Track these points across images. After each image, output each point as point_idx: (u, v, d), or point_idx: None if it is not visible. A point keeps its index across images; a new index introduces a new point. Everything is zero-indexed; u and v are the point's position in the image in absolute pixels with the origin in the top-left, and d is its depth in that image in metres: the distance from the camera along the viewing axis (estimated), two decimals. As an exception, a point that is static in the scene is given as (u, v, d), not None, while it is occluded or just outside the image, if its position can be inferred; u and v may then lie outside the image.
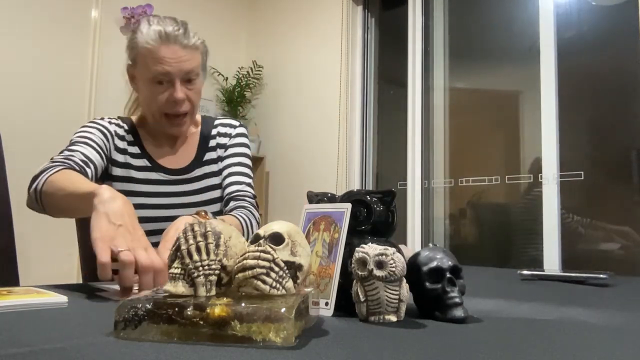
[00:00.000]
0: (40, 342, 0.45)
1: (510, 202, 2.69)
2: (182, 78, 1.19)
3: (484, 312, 0.66)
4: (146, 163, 1.27)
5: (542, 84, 2.40)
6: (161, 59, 1.17)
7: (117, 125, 1.27)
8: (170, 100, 1.19)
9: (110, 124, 1.26)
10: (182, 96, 1.19)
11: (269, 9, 3.60)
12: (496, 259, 2.60)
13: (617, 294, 0.91)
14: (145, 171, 1.26)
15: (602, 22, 2.40)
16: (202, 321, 0.46)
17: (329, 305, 0.61)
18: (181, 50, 1.19)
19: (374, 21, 3.26)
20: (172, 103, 1.20)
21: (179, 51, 1.19)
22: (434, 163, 2.87)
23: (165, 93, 1.19)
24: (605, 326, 0.59)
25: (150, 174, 1.26)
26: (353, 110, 3.13)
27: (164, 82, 1.18)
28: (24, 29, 2.65)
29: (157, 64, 1.17)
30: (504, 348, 0.47)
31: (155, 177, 1.26)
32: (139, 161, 1.26)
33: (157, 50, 1.17)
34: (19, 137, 2.50)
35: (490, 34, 2.84)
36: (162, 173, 1.27)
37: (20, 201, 1.09)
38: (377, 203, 0.67)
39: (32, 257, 2.07)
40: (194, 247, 0.51)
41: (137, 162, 1.26)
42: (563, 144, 2.35)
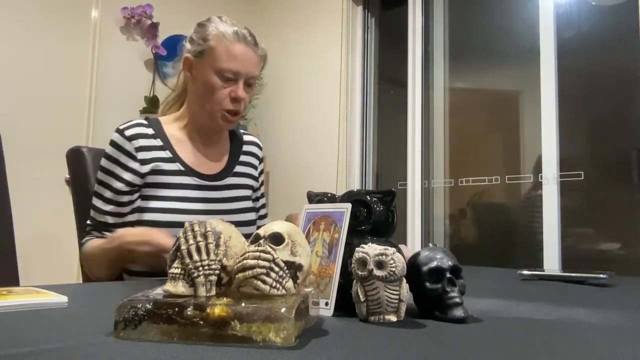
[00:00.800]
0: (40, 342, 0.45)
1: (510, 202, 2.69)
2: (245, 80, 1.22)
3: (484, 312, 0.66)
4: (179, 167, 1.24)
5: (542, 84, 2.40)
6: (235, 56, 1.20)
7: (141, 136, 1.22)
8: (232, 96, 1.21)
9: (131, 140, 1.21)
10: (244, 95, 1.22)
11: (269, 9, 3.59)
12: (496, 259, 2.59)
13: (617, 294, 0.91)
14: (179, 175, 1.23)
15: (602, 22, 2.40)
16: (202, 321, 0.46)
17: (329, 305, 0.61)
18: (253, 53, 1.23)
19: (374, 21, 3.26)
20: (233, 99, 1.22)
21: (251, 54, 1.23)
22: (434, 163, 2.87)
23: (227, 89, 1.21)
24: (605, 326, 0.59)
25: (184, 178, 1.24)
26: (353, 110, 3.13)
27: (229, 79, 1.20)
28: (23, 29, 2.65)
29: (230, 60, 1.19)
30: (504, 348, 0.47)
31: (189, 181, 1.24)
32: (171, 165, 1.23)
33: (233, 46, 1.20)
34: (19, 137, 2.50)
35: (490, 34, 2.84)
36: (196, 177, 1.25)
37: (20, 201, 1.10)
38: (377, 203, 0.67)
39: (32, 257, 2.07)
40: (194, 247, 0.51)
41: (169, 167, 1.23)
42: (563, 144, 2.35)
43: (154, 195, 1.20)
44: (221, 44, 1.20)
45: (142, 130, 1.24)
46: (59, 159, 1.49)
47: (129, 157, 1.20)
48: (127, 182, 1.19)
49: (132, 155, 1.20)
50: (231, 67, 1.19)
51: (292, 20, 3.43)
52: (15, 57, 2.61)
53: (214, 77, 1.20)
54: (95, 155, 1.35)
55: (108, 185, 1.19)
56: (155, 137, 1.25)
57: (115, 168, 1.20)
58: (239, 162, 1.37)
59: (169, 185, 1.22)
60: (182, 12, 3.30)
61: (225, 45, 1.20)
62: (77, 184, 1.35)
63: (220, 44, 1.20)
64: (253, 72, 1.23)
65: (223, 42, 1.20)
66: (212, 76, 1.20)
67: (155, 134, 1.25)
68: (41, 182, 2.60)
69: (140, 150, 1.21)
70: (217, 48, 1.20)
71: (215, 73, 1.20)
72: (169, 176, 1.22)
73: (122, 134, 1.22)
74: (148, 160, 1.21)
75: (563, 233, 2.29)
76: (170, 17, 3.19)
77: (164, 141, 1.25)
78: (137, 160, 1.20)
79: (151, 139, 1.24)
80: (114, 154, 1.21)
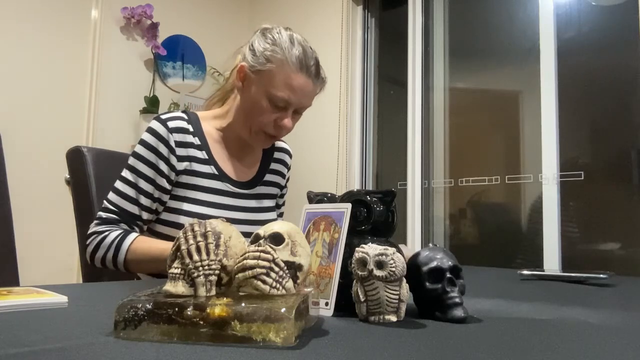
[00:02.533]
0: (40, 342, 0.45)
1: (510, 202, 2.69)
2: (295, 109, 1.18)
3: (484, 312, 0.66)
4: (213, 170, 1.21)
5: (542, 84, 2.40)
6: (293, 87, 1.13)
7: (181, 131, 1.18)
8: (277, 124, 1.17)
9: (172, 132, 1.16)
10: (290, 125, 1.18)
11: (269, 9, 3.60)
12: (496, 259, 2.59)
13: (617, 294, 0.91)
14: (212, 179, 1.20)
15: (602, 22, 2.40)
16: (202, 321, 0.46)
17: (329, 305, 0.61)
18: (312, 85, 1.17)
19: (374, 21, 3.26)
20: (278, 127, 1.17)
21: (310, 86, 1.16)
22: (434, 163, 2.87)
23: (274, 114, 1.16)
24: (605, 326, 0.59)
25: (216, 183, 1.20)
26: (353, 110, 3.13)
27: (279, 107, 1.15)
28: (23, 29, 2.65)
29: (286, 89, 1.13)
30: (504, 348, 0.47)
31: (221, 187, 1.21)
32: (205, 167, 1.20)
33: (293, 76, 1.13)
34: (19, 137, 2.50)
35: (490, 34, 2.84)
36: (228, 184, 1.23)
37: (20, 201, 1.09)
38: (377, 203, 0.67)
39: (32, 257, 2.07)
40: (194, 247, 0.51)
41: (203, 169, 1.19)
42: (563, 144, 2.35)
43: (185, 197, 1.17)
44: (282, 70, 1.12)
45: (183, 125, 1.19)
46: (59, 159, 1.49)
47: (168, 149, 1.15)
48: (165, 176, 1.15)
49: (171, 147, 1.15)
50: (284, 97, 1.13)
51: (291, 20, 3.43)
52: (15, 57, 2.61)
53: (265, 100, 1.14)
54: (95, 155, 1.35)
55: (143, 175, 1.14)
56: (194, 135, 1.21)
57: (153, 157, 1.14)
58: (269, 170, 1.35)
59: (201, 189, 1.18)
60: (182, 12, 3.30)
61: (286, 72, 1.12)
62: (77, 184, 1.35)
63: (281, 71, 1.12)
64: (306, 103, 1.19)
65: (284, 68, 1.12)
66: (264, 99, 1.14)
67: (194, 132, 1.21)
68: (41, 182, 2.60)
69: (179, 145, 1.17)
70: (276, 73, 1.12)
71: (267, 97, 1.14)
72: (202, 179, 1.19)
73: (164, 124, 1.16)
74: (184, 157, 1.17)
75: (563, 233, 2.29)
76: (170, 17, 3.19)
77: (202, 141, 1.21)
78: (175, 154, 1.16)
79: (190, 135, 1.20)
80: (154, 143, 1.15)
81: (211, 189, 1.20)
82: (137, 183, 1.14)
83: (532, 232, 2.45)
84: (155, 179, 1.15)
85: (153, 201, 1.16)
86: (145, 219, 1.16)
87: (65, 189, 2.60)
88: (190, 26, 3.32)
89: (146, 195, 1.14)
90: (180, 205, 1.17)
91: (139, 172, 1.15)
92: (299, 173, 3.38)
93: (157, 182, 1.15)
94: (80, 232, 1.35)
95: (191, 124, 1.21)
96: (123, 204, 1.14)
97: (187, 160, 1.18)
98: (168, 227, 1.17)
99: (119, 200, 1.14)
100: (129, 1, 3.01)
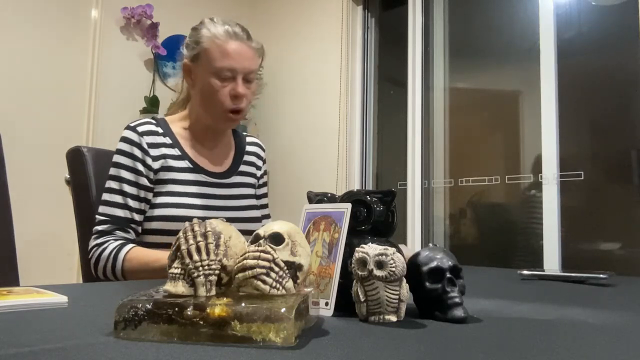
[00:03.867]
0: (40, 342, 0.45)
1: (510, 202, 2.69)
2: (244, 76, 1.23)
3: (484, 312, 0.66)
4: (188, 164, 1.27)
5: (542, 84, 2.40)
6: (228, 54, 1.21)
7: (151, 134, 1.25)
8: (232, 94, 1.22)
9: (142, 135, 1.23)
10: (244, 91, 1.23)
11: (268, 9, 3.59)
12: (496, 259, 2.59)
13: (617, 294, 0.91)
14: (188, 172, 1.26)
15: (602, 22, 2.40)
16: (202, 321, 0.46)
17: (329, 305, 0.61)
18: (247, 48, 1.24)
19: (374, 21, 3.26)
20: (234, 97, 1.23)
21: (245, 49, 1.23)
22: (434, 163, 2.87)
23: (226, 88, 1.22)
24: (605, 326, 0.59)
25: (193, 175, 1.27)
26: (353, 110, 3.12)
27: (226, 78, 1.21)
28: (23, 29, 2.65)
29: (224, 58, 1.20)
30: (504, 348, 0.47)
31: (198, 178, 1.27)
32: (180, 162, 1.26)
33: (225, 45, 1.21)
34: (19, 137, 2.50)
35: (490, 34, 2.84)
36: (204, 175, 1.29)
37: (20, 201, 1.09)
38: (377, 203, 0.67)
39: (32, 257, 2.07)
40: (194, 247, 0.51)
41: (178, 164, 1.26)
42: (563, 144, 2.35)
43: (162, 191, 1.23)
44: (214, 44, 1.21)
45: (152, 128, 1.26)
46: (59, 159, 1.49)
47: (143, 152, 1.22)
48: (144, 175, 1.21)
49: (145, 150, 1.22)
50: (226, 65, 1.20)
51: (292, 20, 3.43)
52: (15, 57, 2.61)
53: (212, 79, 1.21)
54: (95, 155, 1.35)
55: (125, 180, 1.20)
56: (164, 135, 1.27)
57: (130, 161, 1.21)
58: (243, 162, 1.40)
59: (178, 182, 1.24)
60: (182, 12, 3.30)
61: (218, 44, 1.21)
62: (77, 184, 1.35)
63: (213, 45, 1.21)
64: (249, 66, 1.23)
65: (215, 42, 1.21)
66: (210, 78, 1.21)
67: (164, 132, 1.28)
68: (41, 182, 2.60)
69: (152, 147, 1.24)
70: (210, 49, 1.21)
71: (213, 74, 1.21)
72: (177, 173, 1.25)
73: (134, 130, 1.24)
74: (158, 156, 1.24)
75: (562, 233, 2.29)
76: (170, 17, 3.19)
77: (172, 139, 1.28)
78: (149, 155, 1.23)
79: (160, 136, 1.26)
80: (128, 149, 1.22)
81: (188, 181, 1.25)
82: (121, 189, 1.20)
83: (532, 232, 2.45)
84: (137, 180, 1.21)
85: (140, 202, 1.21)
86: (137, 220, 1.21)
87: (65, 189, 2.60)
88: (190, 26, 3.32)
89: (132, 197, 1.20)
90: (156, 199, 1.22)
91: (121, 178, 1.21)
92: (299, 173, 3.39)
93: (139, 182, 1.21)
94: (80, 232, 1.35)
95: (160, 126, 1.28)
96: (114, 212, 1.19)
97: (162, 158, 1.24)
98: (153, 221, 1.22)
99: (109, 209, 1.20)
100: (129, 1, 3.01)
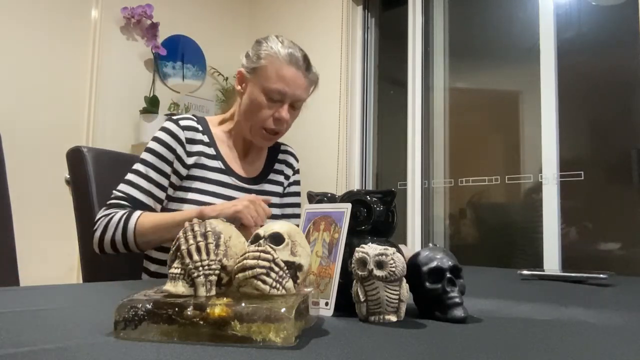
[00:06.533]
0: (40, 342, 0.45)
1: (510, 202, 2.69)
2: (291, 103, 1.26)
3: (484, 312, 0.66)
4: (220, 165, 1.29)
5: (542, 84, 2.40)
6: (284, 78, 1.22)
7: (191, 129, 1.27)
8: (275, 117, 1.25)
9: (184, 129, 1.25)
10: (287, 117, 1.25)
11: (269, 9, 3.59)
12: (496, 259, 2.59)
13: (617, 294, 0.91)
14: (219, 173, 1.28)
15: (602, 22, 2.40)
16: (202, 321, 0.46)
17: (329, 305, 0.61)
18: (303, 78, 1.26)
19: (374, 21, 3.26)
20: (276, 120, 1.25)
21: (301, 78, 1.25)
22: (434, 163, 2.87)
23: (271, 109, 1.24)
24: (605, 326, 0.59)
25: (224, 177, 1.28)
26: (353, 110, 3.13)
27: (275, 100, 1.23)
28: (23, 29, 2.65)
29: (279, 81, 1.22)
30: (504, 348, 0.47)
31: (228, 180, 1.29)
32: (213, 162, 1.28)
33: (284, 68, 1.22)
34: (19, 137, 2.50)
35: (490, 34, 2.84)
36: (235, 178, 1.30)
37: (20, 201, 1.09)
38: (377, 203, 0.67)
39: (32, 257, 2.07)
40: (194, 247, 0.51)
41: (211, 163, 1.28)
42: (563, 144, 2.35)
43: (193, 188, 1.24)
44: (272, 64, 1.22)
45: (194, 124, 1.29)
46: (59, 159, 1.49)
47: (179, 144, 1.24)
48: (173, 169, 1.22)
49: (182, 143, 1.24)
50: (279, 88, 1.22)
51: (291, 20, 3.43)
52: (16, 57, 2.61)
53: (261, 96, 1.23)
54: (95, 155, 1.35)
55: (154, 167, 1.21)
56: (203, 133, 1.30)
57: (165, 151, 1.23)
58: (273, 170, 1.42)
59: (209, 181, 1.26)
60: (182, 12, 3.30)
61: (277, 66, 1.22)
62: (77, 184, 1.35)
63: (272, 65, 1.22)
64: (300, 95, 1.26)
65: (275, 63, 1.22)
66: (260, 94, 1.24)
67: (203, 131, 1.30)
68: (41, 182, 2.60)
69: (190, 142, 1.26)
70: (268, 68, 1.22)
71: (263, 92, 1.23)
72: (209, 172, 1.27)
73: (176, 123, 1.26)
74: (194, 152, 1.26)
75: (562, 233, 2.29)
76: (170, 17, 3.19)
77: (210, 139, 1.30)
78: (185, 150, 1.24)
79: (199, 133, 1.29)
80: (166, 139, 1.24)
81: (218, 182, 1.27)
82: (147, 174, 1.21)
83: (532, 232, 2.45)
84: (165, 170, 1.22)
85: (162, 191, 1.22)
86: (153, 208, 1.21)
87: (65, 189, 2.61)
88: (190, 26, 3.32)
89: (157, 185, 1.21)
90: (186, 195, 1.24)
91: (150, 164, 1.21)
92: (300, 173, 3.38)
93: (167, 173, 1.22)
94: (80, 232, 1.35)
95: (200, 124, 1.31)
96: (134, 193, 1.19)
97: (197, 155, 1.26)
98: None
99: (130, 189, 1.19)
100: (129, 1, 3.01)
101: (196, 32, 3.34)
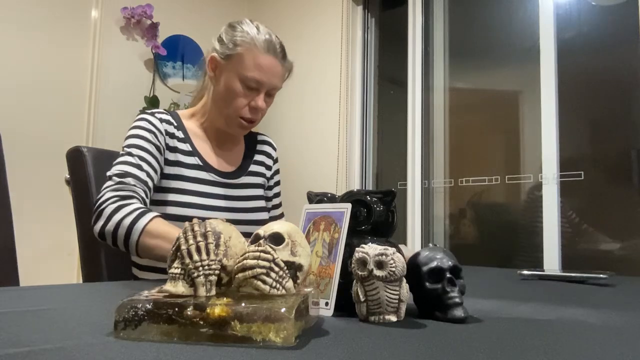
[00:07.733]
0: (40, 342, 0.45)
1: (510, 202, 2.69)
2: (267, 91, 1.23)
3: (484, 312, 0.66)
4: (197, 162, 1.25)
5: (542, 84, 2.40)
6: (262, 67, 1.19)
7: (167, 122, 1.24)
8: (252, 106, 1.22)
9: (162, 122, 1.22)
10: (263, 106, 1.23)
11: (268, 9, 3.59)
12: (496, 259, 2.59)
13: (617, 294, 0.91)
14: (196, 170, 1.24)
15: (602, 22, 2.39)
16: (202, 321, 0.46)
17: (329, 305, 0.61)
18: (280, 66, 1.23)
19: (374, 21, 3.26)
20: (253, 109, 1.23)
21: (278, 66, 1.22)
22: (434, 163, 2.87)
23: (247, 98, 1.21)
24: (605, 326, 0.59)
25: (201, 173, 1.25)
26: (353, 110, 3.12)
27: (251, 88, 1.20)
28: (23, 28, 2.65)
29: (256, 70, 1.19)
30: (504, 348, 0.47)
31: (205, 177, 1.25)
32: (190, 159, 1.24)
33: (261, 57, 1.19)
34: (19, 137, 2.50)
35: (490, 34, 2.84)
36: (213, 174, 1.27)
37: (20, 201, 1.09)
38: (377, 203, 0.67)
39: (32, 257, 2.07)
40: (194, 247, 0.51)
41: (188, 160, 1.24)
42: (563, 144, 2.35)
43: (172, 188, 1.20)
44: (250, 52, 1.19)
45: (169, 118, 1.25)
46: (59, 159, 1.49)
47: (161, 135, 1.21)
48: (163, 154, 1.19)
49: (163, 135, 1.21)
50: (256, 77, 1.19)
51: (291, 20, 3.43)
52: (16, 57, 2.61)
53: (237, 84, 1.20)
54: (95, 155, 1.35)
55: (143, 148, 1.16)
56: (177, 129, 1.26)
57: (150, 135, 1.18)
58: (253, 162, 1.38)
59: (186, 179, 1.22)
60: (182, 12, 3.30)
61: (254, 54, 1.19)
62: (77, 184, 1.35)
63: (249, 52, 1.19)
64: (277, 84, 1.24)
65: (252, 50, 1.19)
66: (236, 82, 1.20)
67: (177, 126, 1.26)
68: (41, 182, 2.60)
69: (168, 135, 1.23)
70: (245, 55, 1.19)
71: (240, 80, 1.20)
72: (187, 169, 1.23)
73: (152, 115, 1.23)
74: (172, 148, 1.23)
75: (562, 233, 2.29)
76: (170, 17, 3.19)
77: (184, 134, 1.27)
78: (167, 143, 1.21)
79: (174, 128, 1.25)
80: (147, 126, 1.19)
81: (196, 179, 1.23)
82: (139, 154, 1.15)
83: (532, 232, 2.45)
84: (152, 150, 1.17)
85: (154, 171, 1.16)
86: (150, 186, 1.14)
87: (65, 189, 2.61)
88: (190, 26, 3.32)
89: (148, 164, 1.15)
90: (166, 196, 1.19)
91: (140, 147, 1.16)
92: (300, 173, 3.39)
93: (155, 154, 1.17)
94: (80, 233, 1.35)
95: (174, 119, 1.27)
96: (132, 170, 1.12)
97: (174, 151, 1.23)
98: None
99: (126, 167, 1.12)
100: (129, 1, 3.01)
101: (196, 32, 3.34)
